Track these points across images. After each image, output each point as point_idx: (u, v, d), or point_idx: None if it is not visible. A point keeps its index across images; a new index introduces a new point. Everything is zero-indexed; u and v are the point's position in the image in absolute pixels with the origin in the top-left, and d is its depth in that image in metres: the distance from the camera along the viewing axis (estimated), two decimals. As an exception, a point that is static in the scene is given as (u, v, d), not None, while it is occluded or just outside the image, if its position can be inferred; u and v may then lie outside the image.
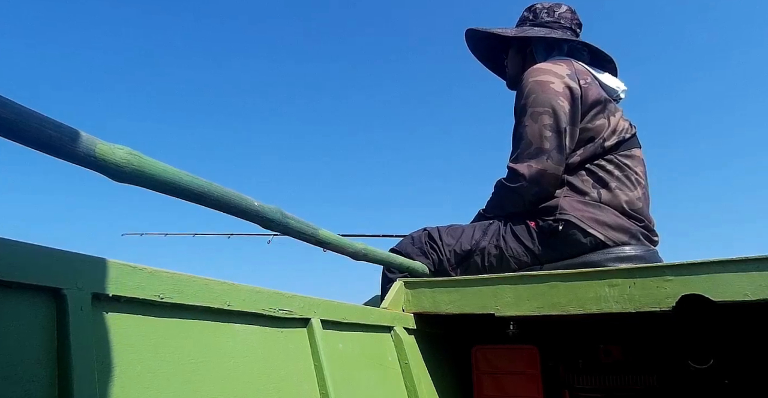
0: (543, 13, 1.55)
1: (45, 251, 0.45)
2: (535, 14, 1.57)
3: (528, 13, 1.59)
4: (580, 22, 1.57)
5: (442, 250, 1.40)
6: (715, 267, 0.89)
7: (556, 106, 1.33)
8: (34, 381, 0.41)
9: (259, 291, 0.71)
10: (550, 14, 1.55)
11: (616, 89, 1.48)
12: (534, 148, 1.33)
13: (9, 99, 0.44)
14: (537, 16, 1.56)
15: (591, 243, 1.27)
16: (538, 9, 1.57)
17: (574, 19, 1.56)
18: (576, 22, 1.56)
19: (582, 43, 1.54)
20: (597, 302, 0.97)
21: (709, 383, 1.13)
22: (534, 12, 1.57)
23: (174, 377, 0.54)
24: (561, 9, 1.55)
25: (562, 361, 1.28)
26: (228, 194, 0.69)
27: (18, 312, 0.42)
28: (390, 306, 1.12)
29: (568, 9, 1.56)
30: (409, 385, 1.02)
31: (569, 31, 1.54)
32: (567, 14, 1.55)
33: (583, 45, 1.54)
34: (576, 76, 1.38)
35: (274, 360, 0.71)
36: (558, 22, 1.54)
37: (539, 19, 1.55)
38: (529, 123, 1.35)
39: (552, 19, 1.54)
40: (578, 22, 1.57)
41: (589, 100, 1.36)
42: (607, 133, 1.36)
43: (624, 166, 1.36)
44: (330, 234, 0.95)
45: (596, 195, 1.32)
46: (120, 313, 0.51)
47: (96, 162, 0.52)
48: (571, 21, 1.55)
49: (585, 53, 1.54)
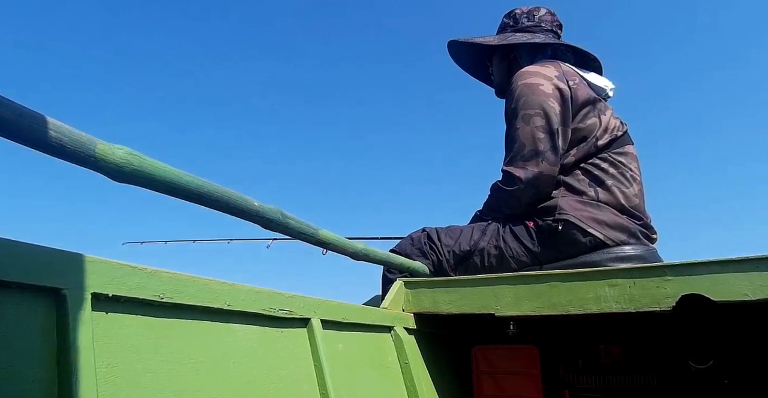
0: (523, 18, 1.56)
1: (45, 251, 0.45)
2: (515, 20, 1.58)
3: (508, 19, 1.60)
4: (560, 24, 1.59)
5: (441, 251, 1.40)
6: (715, 267, 0.89)
7: (547, 107, 1.33)
8: (34, 381, 0.41)
9: (259, 291, 0.71)
10: (530, 18, 1.55)
11: (604, 88, 1.49)
12: (528, 150, 1.33)
13: (9, 99, 0.44)
14: (517, 22, 1.57)
15: (590, 243, 1.27)
16: (517, 14, 1.58)
17: (554, 21, 1.57)
18: (556, 24, 1.57)
19: (565, 45, 1.55)
20: (597, 302, 0.97)
21: (709, 383, 1.13)
22: (514, 18, 1.58)
23: (174, 377, 0.54)
24: (540, 12, 1.56)
25: (562, 361, 1.28)
26: (228, 194, 0.69)
27: (18, 312, 0.42)
28: (390, 306, 1.11)
29: (547, 11, 1.57)
30: (409, 385, 1.02)
31: (551, 34, 1.55)
32: (547, 17, 1.56)
33: (566, 47, 1.55)
34: (564, 77, 1.39)
35: (274, 360, 0.71)
36: (539, 25, 1.55)
37: (520, 24, 1.56)
38: (521, 125, 1.35)
39: (533, 24, 1.55)
40: (558, 24, 1.58)
41: (579, 100, 1.37)
42: (599, 131, 1.37)
43: (618, 164, 1.36)
44: (330, 235, 0.95)
45: (594, 193, 1.33)
46: (120, 313, 0.51)
47: (96, 162, 0.52)
48: (551, 23, 1.56)
49: (569, 54, 1.56)
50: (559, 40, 1.57)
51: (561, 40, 1.56)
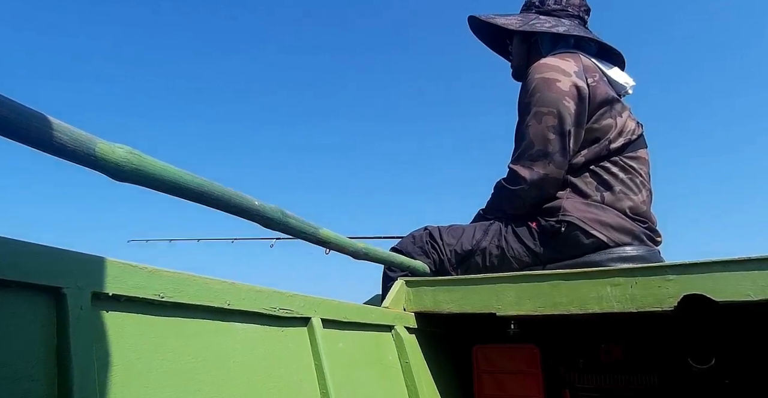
0: (549, 1, 1.49)
1: (45, 251, 0.45)
2: (541, 1, 1.50)
3: None
4: (588, 8, 1.51)
5: (443, 250, 1.39)
6: (716, 267, 0.89)
7: (561, 106, 1.29)
8: (34, 381, 0.41)
9: (259, 291, 0.71)
10: (558, 2, 1.48)
11: (624, 85, 1.43)
12: (536, 149, 1.30)
13: (9, 98, 0.44)
14: (543, 3, 1.49)
15: (593, 244, 1.26)
16: None
17: (582, 5, 1.49)
18: (584, 9, 1.50)
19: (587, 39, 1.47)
20: (598, 302, 0.97)
21: (711, 383, 1.13)
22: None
23: (174, 376, 0.54)
24: None
25: (562, 361, 1.28)
26: (228, 193, 0.69)
27: (18, 311, 0.42)
28: (391, 305, 1.11)
29: None
30: (410, 384, 1.02)
31: (577, 19, 1.48)
32: (575, 1, 1.48)
33: (590, 38, 1.47)
34: (584, 73, 1.33)
35: (274, 360, 0.71)
36: (565, 9, 1.47)
37: (546, 6, 1.49)
38: (533, 123, 1.31)
39: (560, 7, 1.48)
40: (586, 9, 1.50)
41: (597, 99, 1.32)
42: (614, 134, 1.32)
43: (629, 168, 1.33)
44: (331, 234, 0.95)
45: (599, 198, 1.30)
46: (120, 312, 0.51)
47: (96, 161, 0.51)
48: (579, 8, 1.48)
49: (592, 44, 1.48)
50: (585, 25, 1.49)
51: (585, 31, 1.48)
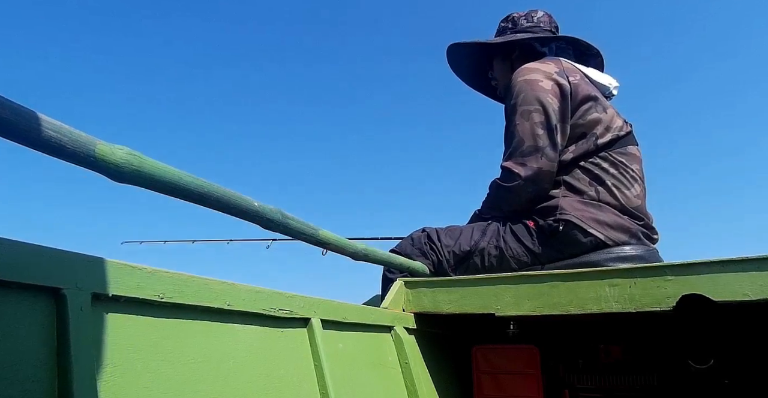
0: (522, 20, 1.59)
1: (45, 251, 0.45)
2: (513, 22, 1.60)
3: (506, 22, 1.62)
4: (557, 26, 1.61)
5: (442, 251, 1.39)
6: (715, 267, 0.89)
7: (546, 103, 1.34)
8: (33, 381, 0.41)
9: (259, 291, 0.71)
10: (529, 20, 1.58)
11: (608, 86, 1.49)
12: (527, 146, 1.33)
13: (8, 99, 0.44)
14: (516, 24, 1.59)
15: (591, 243, 1.27)
16: (515, 17, 1.60)
17: (552, 22, 1.59)
18: (554, 26, 1.60)
19: (566, 40, 1.56)
20: (597, 302, 0.97)
21: (710, 383, 1.13)
22: (512, 21, 1.60)
23: (174, 377, 0.54)
24: (538, 14, 1.59)
25: (562, 361, 1.28)
26: (228, 194, 0.69)
27: (18, 312, 0.42)
28: (390, 305, 1.11)
29: (545, 14, 1.60)
30: (410, 385, 1.02)
31: (549, 34, 1.56)
32: (545, 18, 1.59)
33: (567, 43, 1.56)
34: (565, 73, 1.39)
35: (274, 360, 0.71)
36: (538, 26, 1.57)
37: (519, 26, 1.58)
38: (520, 121, 1.35)
39: (532, 24, 1.57)
40: (556, 26, 1.60)
41: (580, 95, 1.37)
42: (600, 129, 1.36)
43: (619, 164, 1.36)
44: (330, 235, 0.95)
45: (594, 193, 1.32)
46: (120, 313, 0.51)
47: (96, 162, 0.51)
48: (549, 24, 1.58)
49: (570, 52, 1.57)
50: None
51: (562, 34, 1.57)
